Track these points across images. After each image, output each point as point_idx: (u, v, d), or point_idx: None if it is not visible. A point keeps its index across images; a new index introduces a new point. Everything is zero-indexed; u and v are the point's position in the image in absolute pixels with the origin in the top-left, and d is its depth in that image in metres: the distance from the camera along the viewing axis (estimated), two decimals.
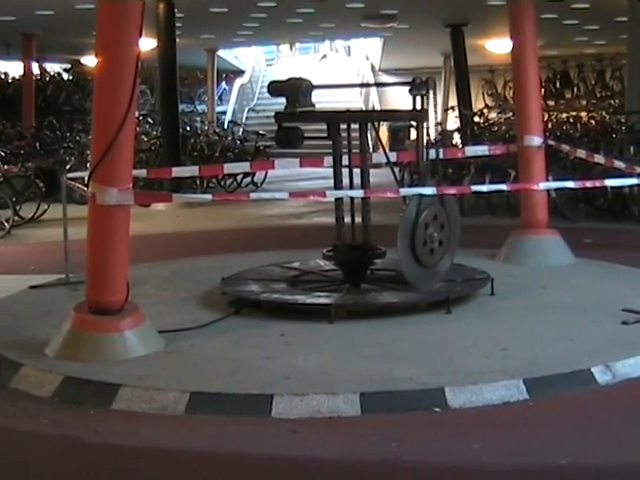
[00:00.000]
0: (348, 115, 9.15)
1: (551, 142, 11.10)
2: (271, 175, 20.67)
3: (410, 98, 8.31)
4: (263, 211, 16.42)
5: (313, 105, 8.44)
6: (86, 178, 7.25)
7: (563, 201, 13.61)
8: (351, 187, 8.67)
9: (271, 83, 8.66)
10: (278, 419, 5.72)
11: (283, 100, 8.30)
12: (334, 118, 8.68)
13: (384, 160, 9.55)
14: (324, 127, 8.62)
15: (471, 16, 20.73)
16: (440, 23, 21.79)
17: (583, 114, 23.27)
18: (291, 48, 39.11)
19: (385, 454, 5.13)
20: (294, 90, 8.34)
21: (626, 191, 13.42)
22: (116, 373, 6.36)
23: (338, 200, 8.56)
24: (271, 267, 9.30)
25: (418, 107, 8.33)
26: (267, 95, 9.08)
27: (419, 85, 8.26)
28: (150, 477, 5.03)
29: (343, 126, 8.60)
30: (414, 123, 8.58)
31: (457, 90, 23.02)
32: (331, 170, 8.63)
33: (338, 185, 8.54)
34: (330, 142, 8.55)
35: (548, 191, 11.08)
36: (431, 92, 8.32)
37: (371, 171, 8.65)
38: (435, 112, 8.49)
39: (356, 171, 8.66)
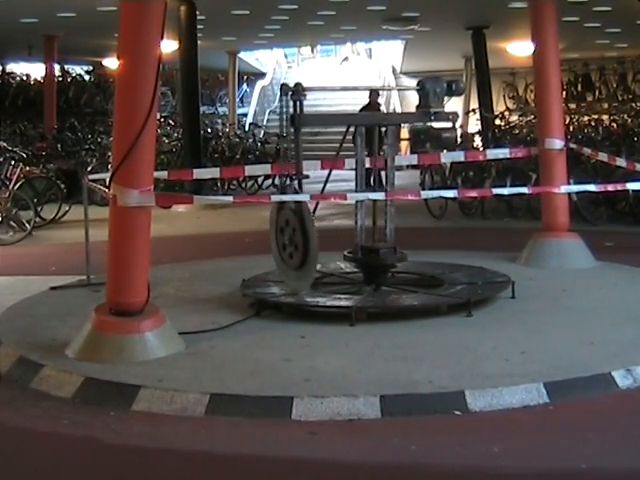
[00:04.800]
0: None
1: (572, 145, 11.07)
2: None
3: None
4: None
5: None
6: (107, 180, 7.27)
7: (584, 204, 13.58)
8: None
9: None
10: (298, 421, 5.72)
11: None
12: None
13: (405, 163, 9.54)
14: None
15: (492, 19, 20.68)
16: (461, 26, 21.76)
17: (605, 117, 23.17)
18: (312, 50, 39.08)
19: (405, 457, 5.13)
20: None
21: None
22: (136, 374, 6.37)
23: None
24: None
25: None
26: None
27: None
28: (169, 478, 5.04)
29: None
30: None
31: (478, 93, 22.98)
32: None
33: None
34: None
35: (569, 194, 11.03)
36: None
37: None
38: None
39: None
